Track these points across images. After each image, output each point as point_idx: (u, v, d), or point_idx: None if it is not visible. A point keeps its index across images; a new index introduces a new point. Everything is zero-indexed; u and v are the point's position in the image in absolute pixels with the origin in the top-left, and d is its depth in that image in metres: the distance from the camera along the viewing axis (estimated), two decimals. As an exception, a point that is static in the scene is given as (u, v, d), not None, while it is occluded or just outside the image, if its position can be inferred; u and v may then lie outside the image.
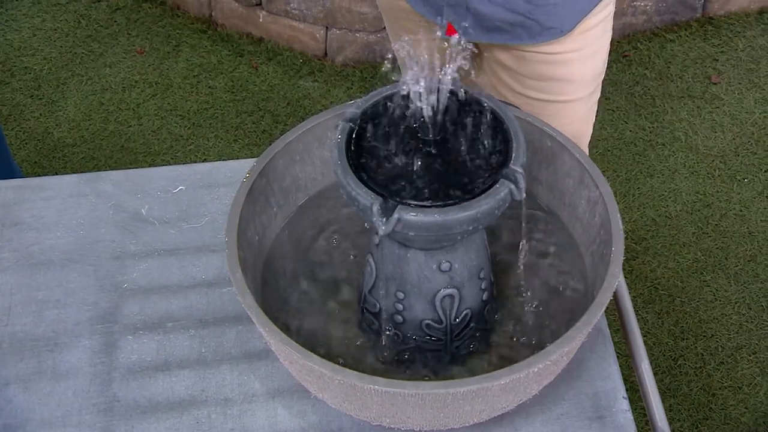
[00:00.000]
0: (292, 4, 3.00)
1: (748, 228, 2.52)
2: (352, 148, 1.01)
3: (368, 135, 1.03)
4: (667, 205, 2.57)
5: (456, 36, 0.99)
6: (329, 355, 1.06)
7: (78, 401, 1.15)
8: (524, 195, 0.98)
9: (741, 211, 2.56)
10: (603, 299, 1.02)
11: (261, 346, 1.19)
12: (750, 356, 2.25)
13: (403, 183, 0.97)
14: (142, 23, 3.25)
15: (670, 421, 1.15)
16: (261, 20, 3.10)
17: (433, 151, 1.00)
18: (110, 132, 2.87)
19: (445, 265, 1.05)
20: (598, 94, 1.55)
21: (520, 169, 0.98)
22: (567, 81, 1.47)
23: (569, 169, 1.16)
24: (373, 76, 2.99)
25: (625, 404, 1.13)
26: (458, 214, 0.95)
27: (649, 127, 2.77)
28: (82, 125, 2.90)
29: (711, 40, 3.05)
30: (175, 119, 2.90)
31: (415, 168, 0.99)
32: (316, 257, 1.21)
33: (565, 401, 1.14)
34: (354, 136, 1.03)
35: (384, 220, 0.95)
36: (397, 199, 0.96)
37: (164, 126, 2.88)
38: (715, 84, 2.92)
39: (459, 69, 0.99)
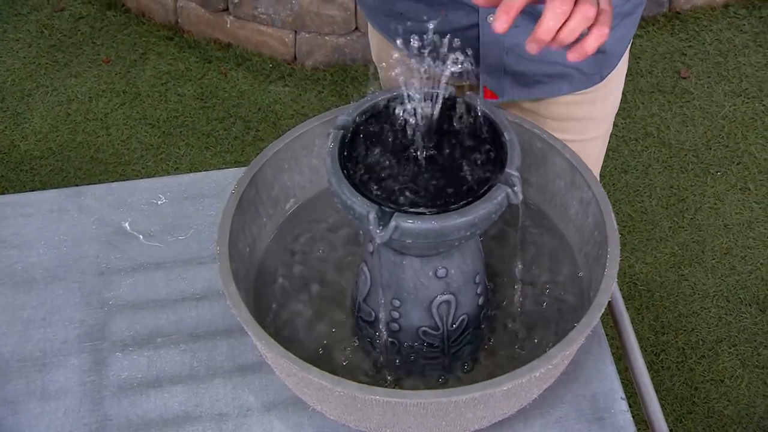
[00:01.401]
0: (259, 9, 2.97)
1: (723, 221, 2.53)
2: (345, 155, 1.00)
3: (361, 142, 1.01)
4: (643, 201, 2.58)
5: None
6: (324, 366, 1.04)
7: (69, 421, 1.13)
8: (521, 198, 0.97)
9: (715, 204, 2.58)
10: (602, 300, 1.01)
11: (254, 358, 1.17)
12: (730, 349, 2.26)
13: (397, 190, 0.96)
14: (107, 32, 3.22)
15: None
16: (228, 26, 3.07)
17: (427, 157, 0.99)
18: (78, 143, 2.84)
19: (441, 272, 1.04)
20: (611, 128, 1.53)
21: (515, 173, 0.97)
22: (589, 120, 1.44)
23: (560, 171, 1.16)
24: (344, 79, 2.97)
25: (623, 405, 1.13)
26: (456, 220, 0.94)
27: (621, 123, 2.78)
28: (49, 137, 2.86)
29: (678, 35, 3.07)
30: (144, 128, 2.87)
31: (409, 174, 0.98)
32: (307, 267, 1.19)
33: (564, 404, 1.13)
34: (346, 143, 1.01)
35: (381, 228, 0.93)
36: (394, 206, 0.95)
37: (134, 135, 2.85)
38: (684, 78, 2.93)
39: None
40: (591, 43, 0.93)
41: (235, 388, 1.15)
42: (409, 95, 1.05)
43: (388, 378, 1.11)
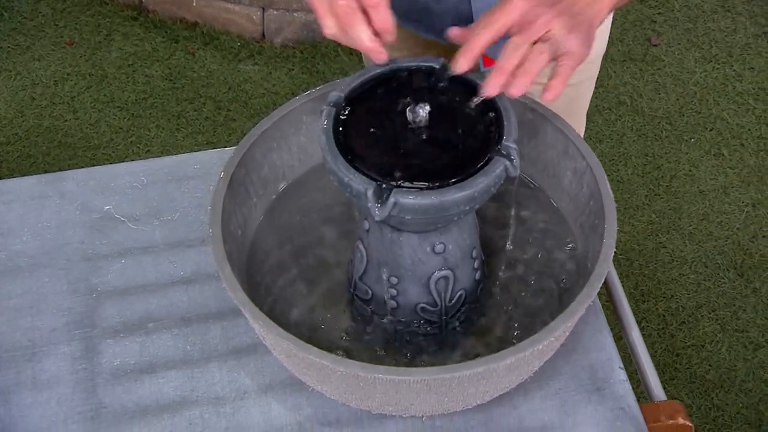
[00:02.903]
0: (225, -13, 2.94)
1: (698, 187, 2.54)
2: (339, 132, 0.98)
3: (354, 119, 1.00)
4: (618, 170, 2.59)
5: None
6: (321, 346, 1.03)
7: (63, 411, 1.11)
8: (519, 171, 0.96)
9: (690, 170, 2.59)
10: (602, 270, 1.01)
11: (248, 340, 1.16)
12: (710, 314, 2.27)
13: (393, 165, 0.95)
14: (69, 13, 3.16)
15: (636, 385, 1.15)
16: (194, 4, 3.03)
17: (422, 131, 0.98)
18: (45, 128, 2.79)
19: (439, 247, 1.03)
20: (599, 69, 1.53)
21: (513, 145, 0.97)
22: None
23: (552, 141, 1.15)
24: (314, 56, 2.94)
25: (622, 374, 1.13)
26: (455, 195, 0.93)
27: (594, 93, 2.77)
28: (14, 122, 2.81)
29: (648, 2, 3.07)
30: (113, 111, 2.83)
31: (404, 149, 0.97)
32: (299, 246, 1.18)
33: (562, 375, 1.12)
34: (339, 120, 1.00)
35: (379, 205, 0.92)
36: (391, 182, 0.93)
37: (102, 119, 2.81)
38: (655, 46, 2.94)
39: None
40: (545, 95, 1.01)
41: (230, 371, 1.14)
42: (401, 69, 1.04)
43: (387, 355, 1.10)
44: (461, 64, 0.99)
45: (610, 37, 2.88)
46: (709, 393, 2.14)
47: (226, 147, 1.27)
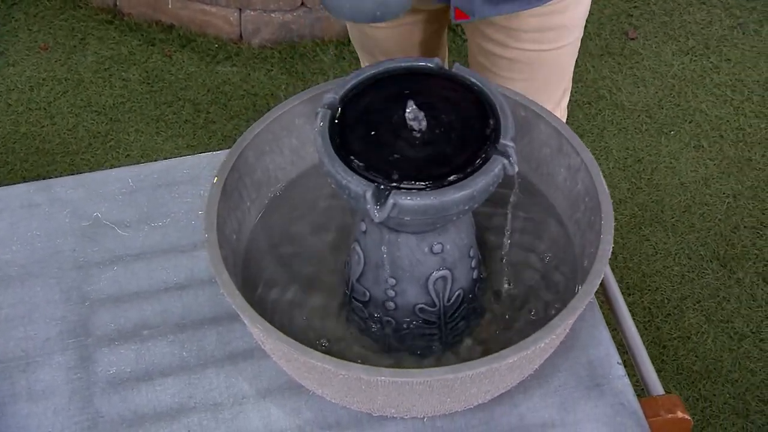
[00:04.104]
0: (201, -12, 2.92)
1: (679, 179, 2.55)
2: (335, 134, 0.98)
3: (349, 120, 0.99)
4: (600, 164, 2.58)
5: None
6: (319, 349, 1.03)
7: (59, 421, 1.10)
8: (517, 169, 0.96)
9: (671, 163, 2.60)
10: (600, 267, 1.01)
11: (244, 345, 1.15)
12: (695, 305, 2.28)
13: (391, 166, 0.95)
14: (43, 17, 3.13)
15: (630, 379, 1.15)
16: (170, 6, 3.01)
17: (418, 131, 0.98)
18: (22, 134, 2.76)
19: (437, 247, 1.03)
20: (582, 33, 1.55)
21: (511, 143, 0.97)
22: (563, 27, 1.45)
23: (546, 139, 1.15)
24: (293, 56, 2.93)
25: (620, 370, 1.13)
26: (454, 195, 0.92)
27: (573, 88, 2.77)
28: (-10, 129, 2.78)
29: (624, -5, 3.09)
30: (90, 116, 2.81)
31: (401, 150, 0.96)
32: (294, 249, 1.17)
33: (561, 372, 1.13)
34: (335, 122, 0.99)
35: (378, 206, 0.92)
36: (390, 183, 0.93)
37: (80, 123, 2.78)
38: (632, 39, 2.95)
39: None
40: None
41: (228, 376, 1.13)
42: (395, 69, 1.04)
43: (387, 357, 1.10)
44: None
45: (587, 32, 2.90)
46: (696, 384, 2.15)
47: (206, 149, 1.27)
